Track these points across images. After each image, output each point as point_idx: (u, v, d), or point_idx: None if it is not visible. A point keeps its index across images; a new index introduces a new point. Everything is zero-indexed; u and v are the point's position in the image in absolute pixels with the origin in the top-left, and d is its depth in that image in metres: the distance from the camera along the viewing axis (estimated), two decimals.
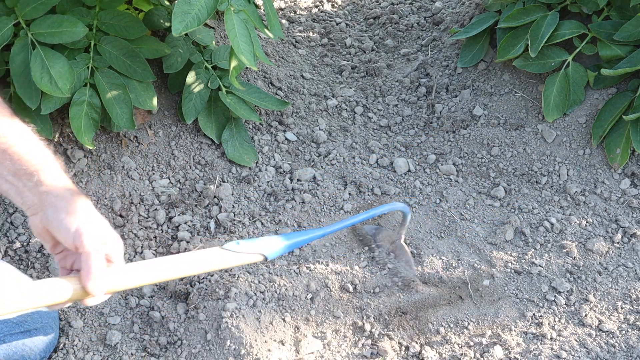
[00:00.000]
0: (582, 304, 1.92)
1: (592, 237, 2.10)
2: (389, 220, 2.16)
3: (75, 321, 1.80)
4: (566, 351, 1.79)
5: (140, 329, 1.82)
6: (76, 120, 2.03)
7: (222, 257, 1.38)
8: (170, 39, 2.26)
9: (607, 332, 1.85)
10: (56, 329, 1.72)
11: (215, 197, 2.17)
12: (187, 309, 1.84)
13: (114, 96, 2.07)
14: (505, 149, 2.36)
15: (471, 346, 1.80)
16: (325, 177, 2.28)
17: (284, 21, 3.11)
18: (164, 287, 1.91)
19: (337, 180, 2.29)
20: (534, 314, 1.89)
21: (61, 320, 1.80)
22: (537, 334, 1.83)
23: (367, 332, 1.83)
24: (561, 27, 2.35)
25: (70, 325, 1.80)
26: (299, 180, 2.26)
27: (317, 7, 3.25)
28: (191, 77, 2.27)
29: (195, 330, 1.77)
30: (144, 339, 1.80)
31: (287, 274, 1.93)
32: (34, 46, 1.91)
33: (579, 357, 1.78)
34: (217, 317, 1.77)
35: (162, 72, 2.30)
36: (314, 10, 3.23)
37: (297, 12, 3.19)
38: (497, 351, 1.77)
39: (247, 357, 1.68)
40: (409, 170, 2.35)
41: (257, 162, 2.31)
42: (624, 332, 1.85)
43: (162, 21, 2.30)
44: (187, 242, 2.02)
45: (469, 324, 1.86)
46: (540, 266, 2.02)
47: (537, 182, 2.28)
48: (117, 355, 1.75)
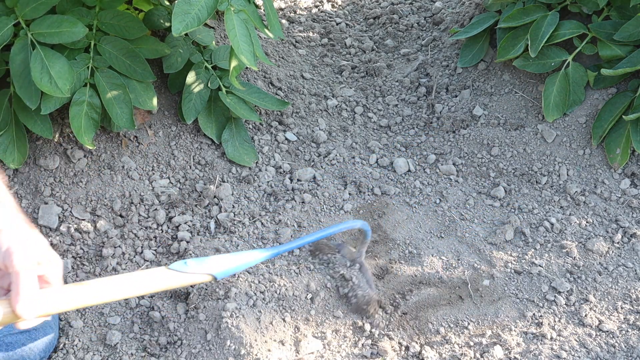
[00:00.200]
0: (582, 304, 1.92)
1: (592, 237, 2.10)
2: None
3: (75, 321, 1.80)
4: (566, 351, 1.79)
5: (140, 329, 1.82)
6: (76, 120, 2.03)
7: (168, 278, 1.32)
8: (170, 39, 2.27)
9: (607, 332, 1.85)
10: (56, 329, 1.72)
11: (215, 197, 2.17)
12: (187, 309, 1.84)
13: (114, 96, 2.07)
14: (505, 149, 2.36)
15: (471, 346, 1.80)
16: (325, 177, 2.28)
17: (284, 21, 3.11)
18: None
19: (337, 180, 2.29)
20: (534, 314, 1.89)
21: (61, 320, 1.80)
22: (537, 334, 1.83)
23: (367, 332, 1.83)
24: (561, 27, 2.35)
25: (70, 325, 1.80)
26: (299, 180, 2.26)
27: (317, 7, 3.25)
28: (191, 77, 2.27)
29: (195, 330, 1.77)
30: (144, 339, 1.80)
31: (287, 274, 1.93)
32: (34, 46, 1.91)
33: (579, 357, 1.78)
34: (217, 317, 1.76)
35: (162, 72, 2.31)
36: (314, 10, 3.23)
37: (297, 12, 3.19)
38: (497, 351, 1.77)
39: (247, 357, 1.68)
40: (409, 170, 2.35)
41: (257, 162, 2.31)
42: (624, 332, 1.85)
43: (162, 21, 2.30)
44: (187, 242, 2.02)
45: (469, 324, 1.86)
46: (540, 266, 2.02)
47: (537, 182, 2.28)
48: (117, 355, 1.75)
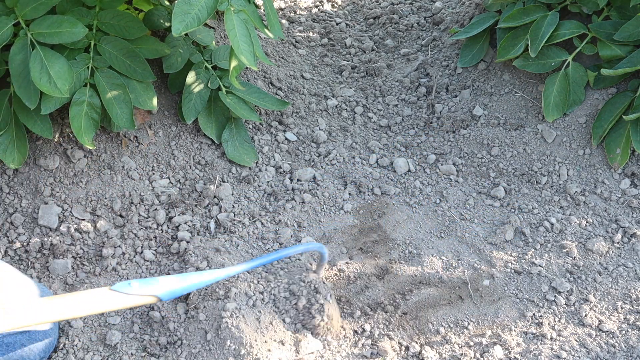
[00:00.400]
0: (582, 304, 1.92)
1: (592, 237, 2.10)
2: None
3: (75, 321, 1.80)
4: (566, 351, 1.79)
5: (140, 329, 1.82)
6: (76, 120, 2.03)
7: (110, 299, 1.31)
8: (170, 39, 2.26)
9: (607, 332, 1.84)
10: (56, 329, 1.72)
11: (215, 197, 2.16)
12: (187, 309, 1.84)
13: (114, 96, 2.07)
14: (505, 149, 2.36)
15: (471, 346, 1.80)
16: (325, 177, 2.28)
17: (284, 21, 3.11)
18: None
19: (337, 180, 2.29)
20: (534, 314, 1.89)
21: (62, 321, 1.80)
22: (537, 334, 1.83)
23: (367, 332, 1.83)
24: (561, 27, 2.35)
25: (70, 325, 1.80)
26: (299, 180, 2.26)
27: (317, 7, 3.25)
28: (191, 77, 2.27)
29: (195, 330, 1.77)
30: (144, 339, 1.80)
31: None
32: (34, 46, 1.91)
33: (579, 357, 1.78)
34: (217, 317, 1.76)
35: (162, 72, 2.31)
36: (314, 10, 3.23)
37: (297, 12, 3.19)
38: (497, 351, 1.77)
39: (247, 357, 1.67)
40: (409, 170, 2.35)
41: (257, 162, 2.30)
42: (624, 332, 1.85)
43: (162, 21, 2.30)
44: (187, 242, 2.02)
45: (469, 324, 1.86)
46: (540, 266, 2.02)
47: (537, 182, 2.28)
48: (117, 355, 1.75)
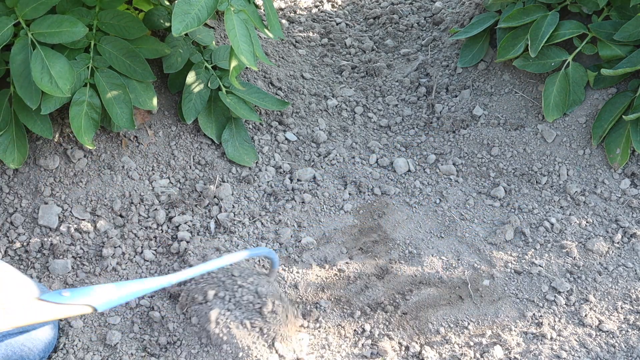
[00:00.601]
0: (582, 304, 1.92)
1: (592, 237, 2.10)
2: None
3: (75, 321, 1.80)
4: (566, 351, 1.79)
5: (140, 329, 1.82)
6: (76, 120, 2.03)
7: (40, 310, 1.23)
8: (170, 39, 2.26)
9: (607, 332, 1.84)
10: (56, 329, 1.72)
11: (215, 197, 2.16)
12: (183, 310, 1.84)
13: (114, 96, 2.07)
14: (505, 149, 2.36)
15: (471, 346, 1.80)
16: (325, 177, 2.28)
17: (284, 21, 3.10)
18: (164, 287, 1.90)
19: (337, 180, 2.29)
20: (534, 314, 1.89)
21: (61, 320, 1.80)
22: (537, 334, 1.83)
23: (367, 332, 1.83)
24: (561, 27, 2.35)
25: (70, 325, 1.80)
26: (299, 180, 2.26)
27: (317, 7, 3.25)
28: (191, 77, 2.27)
29: (192, 332, 1.77)
30: (144, 339, 1.80)
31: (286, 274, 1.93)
32: (34, 46, 1.91)
33: (579, 357, 1.78)
34: (206, 321, 1.76)
35: (162, 72, 2.31)
36: (314, 10, 3.23)
37: (297, 12, 3.19)
38: (497, 351, 1.77)
39: (247, 358, 1.67)
40: (409, 170, 2.35)
41: (257, 162, 2.30)
42: (624, 332, 1.85)
43: (162, 21, 2.30)
44: (187, 242, 2.02)
45: (469, 324, 1.86)
46: (540, 266, 2.02)
47: (537, 182, 2.28)
48: (117, 355, 1.75)
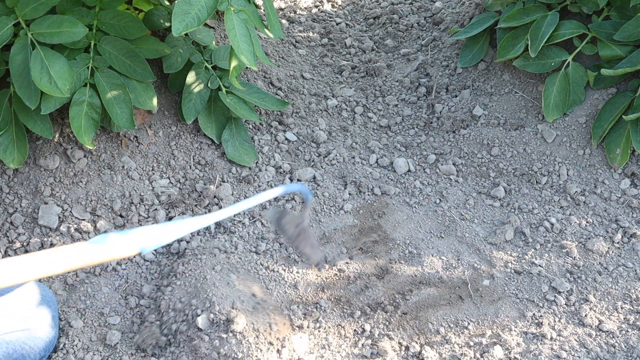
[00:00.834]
0: (582, 304, 1.92)
1: (592, 237, 2.10)
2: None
3: (75, 321, 1.80)
4: (566, 351, 1.79)
5: (140, 329, 1.82)
6: (76, 120, 2.03)
7: (89, 253, 1.27)
8: (170, 39, 2.26)
9: (607, 332, 1.84)
10: (56, 329, 1.72)
11: (215, 197, 2.16)
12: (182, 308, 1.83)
13: (114, 96, 2.07)
14: (505, 149, 2.36)
15: (471, 346, 1.80)
16: (325, 177, 2.28)
17: (284, 21, 3.10)
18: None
19: (337, 180, 2.29)
20: (534, 314, 1.89)
21: (61, 320, 1.80)
22: (537, 334, 1.83)
23: (367, 332, 1.83)
24: (561, 27, 2.35)
25: (70, 325, 1.80)
26: (299, 180, 2.26)
27: (317, 7, 3.25)
28: (191, 77, 2.27)
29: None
30: None
31: (287, 274, 1.93)
32: (34, 46, 1.91)
33: (579, 357, 1.78)
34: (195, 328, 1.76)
35: (162, 72, 2.30)
36: (314, 10, 3.23)
37: (297, 12, 3.19)
38: (497, 351, 1.77)
39: (247, 358, 1.67)
40: (409, 170, 2.35)
41: (257, 162, 2.30)
42: (624, 332, 1.85)
43: (162, 21, 2.30)
44: (187, 242, 2.02)
45: (469, 324, 1.86)
46: (540, 266, 2.02)
47: (537, 182, 2.28)
48: (117, 355, 1.74)
